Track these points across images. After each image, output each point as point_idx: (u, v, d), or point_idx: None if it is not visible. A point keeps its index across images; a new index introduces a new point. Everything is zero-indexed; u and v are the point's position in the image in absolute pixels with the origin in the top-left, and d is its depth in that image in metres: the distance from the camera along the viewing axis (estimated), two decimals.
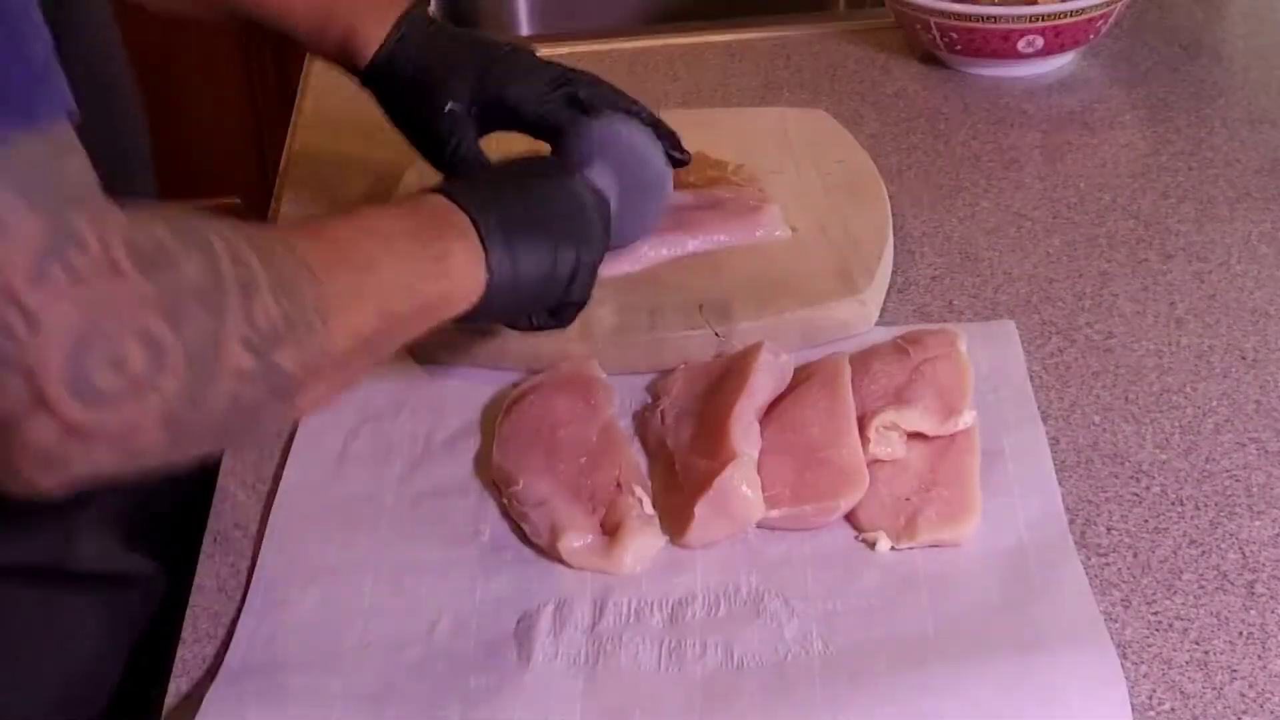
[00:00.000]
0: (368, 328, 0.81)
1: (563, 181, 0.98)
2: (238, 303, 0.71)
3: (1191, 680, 0.82)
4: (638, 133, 1.08)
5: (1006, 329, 1.09)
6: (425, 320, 0.88)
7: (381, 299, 0.83)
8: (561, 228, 0.95)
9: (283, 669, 0.86)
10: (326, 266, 0.80)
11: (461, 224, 0.91)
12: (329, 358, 0.78)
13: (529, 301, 0.96)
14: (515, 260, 0.92)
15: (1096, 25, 1.44)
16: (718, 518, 0.92)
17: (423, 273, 0.87)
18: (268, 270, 0.74)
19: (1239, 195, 1.25)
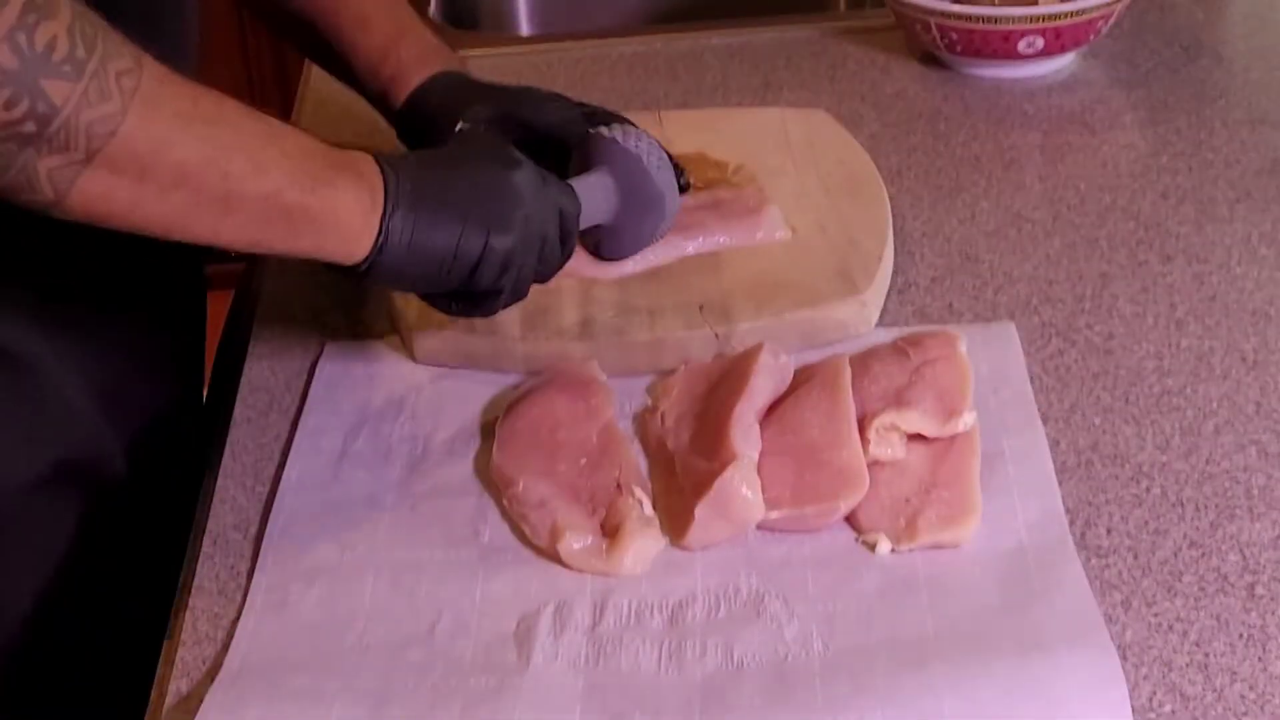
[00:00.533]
0: (180, 156, 0.82)
1: (499, 169, 0.97)
2: (19, 6, 0.74)
3: (1192, 682, 0.82)
4: (646, 147, 1.07)
5: (1006, 331, 1.09)
6: (272, 225, 0.88)
7: (215, 152, 0.84)
8: (477, 211, 0.95)
9: (282, 670, 0.86)
10: (170, 83, 0.82)
11: (371, 177, 0.92)
12: (116, 143, 0.79)
13: (431, 277, 0.96)
14: (415, 228, 0.92)
15: (1097, 26, 1.44)
16: (718, 519, 0.92)
17: (291, 175, 0.87)
18: (82, 21, 0.77)
19: (1239, 196, 1.25)
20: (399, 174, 0.93)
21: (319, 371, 1.11)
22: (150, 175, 0.81)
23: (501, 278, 0.97)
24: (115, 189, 0.81)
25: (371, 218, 0.91)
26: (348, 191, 0.90)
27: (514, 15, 1.90)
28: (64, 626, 1.07)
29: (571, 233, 1.02)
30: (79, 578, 1.07)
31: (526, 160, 0.99)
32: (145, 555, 1.12)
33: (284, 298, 1.21)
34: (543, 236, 0.99)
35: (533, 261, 0.99)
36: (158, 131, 0.81)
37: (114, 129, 0.79)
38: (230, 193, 0.85)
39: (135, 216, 0.83)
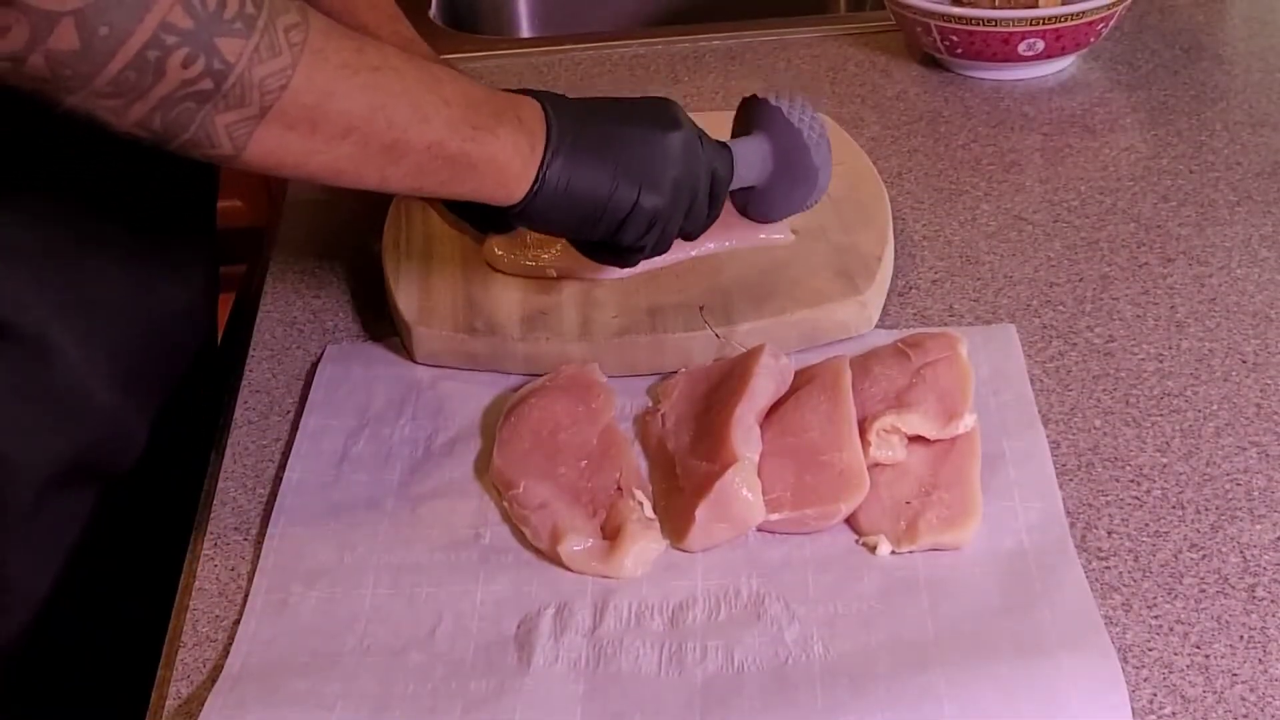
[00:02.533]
0: (348, 107, 0.84)
1: (658, 128, 0.98)
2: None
3: (1192, 684, 0.82)
4: (810, 120, 1.08)
5: (1007, 332, 1.09)
6: (435, 171, 0.90)
7: (380, 100, 0.85)
8: (633, 167, 0.96)
9: (283, 672, 0.86)
10: (335, 34, 0.84)
11: (532, 123, 0.94)
12: (288, 97, 0.81)
13: (580, 225, 0.98)
14: (570, 178, 0.94)
15: (1097, 28, 1.44)
16: (718, 521, 0.92)
17: (453, 122, 0.89)
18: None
19: (1240, 198, 1.25)
20: (561, 121, 0.94)
21: (319, 373, 1.11)
22: (320, 126, 0.83)
23: (646, 234, 0.99)
24: (289, 140, 0.83)
25: (530, 163, 0.93)
26: (508, 138, 0.92)
27: (514, 17, 1.91)
28: (69, 624, 1.07)
29: (721, 194, 1.04)
30: (87, 572, 1.07)
31: (686, 121, 1.00)
32: (150, 550, 1.12)
33: (284, 299, 1.21)
34: (692, 196, 1.01)
35: (679, 219, 1.01)
36: (325, 83, 0.82)
37: (285, 83, 0.81)
38: (396, 141, 0.87)
39: (310, 166, 0.85)
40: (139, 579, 1.10)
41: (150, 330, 1.07)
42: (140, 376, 1.06)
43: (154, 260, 1.06)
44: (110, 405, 1.04)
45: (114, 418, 1.05)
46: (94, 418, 1.03)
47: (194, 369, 1.15)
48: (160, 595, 0.98)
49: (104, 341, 1.03)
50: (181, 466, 1.11)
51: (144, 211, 0.99)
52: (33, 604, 1.04)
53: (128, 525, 1.11)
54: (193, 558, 0.97)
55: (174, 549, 1.01)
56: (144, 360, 1.07)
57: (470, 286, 1.13)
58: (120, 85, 0.76)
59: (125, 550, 1.11)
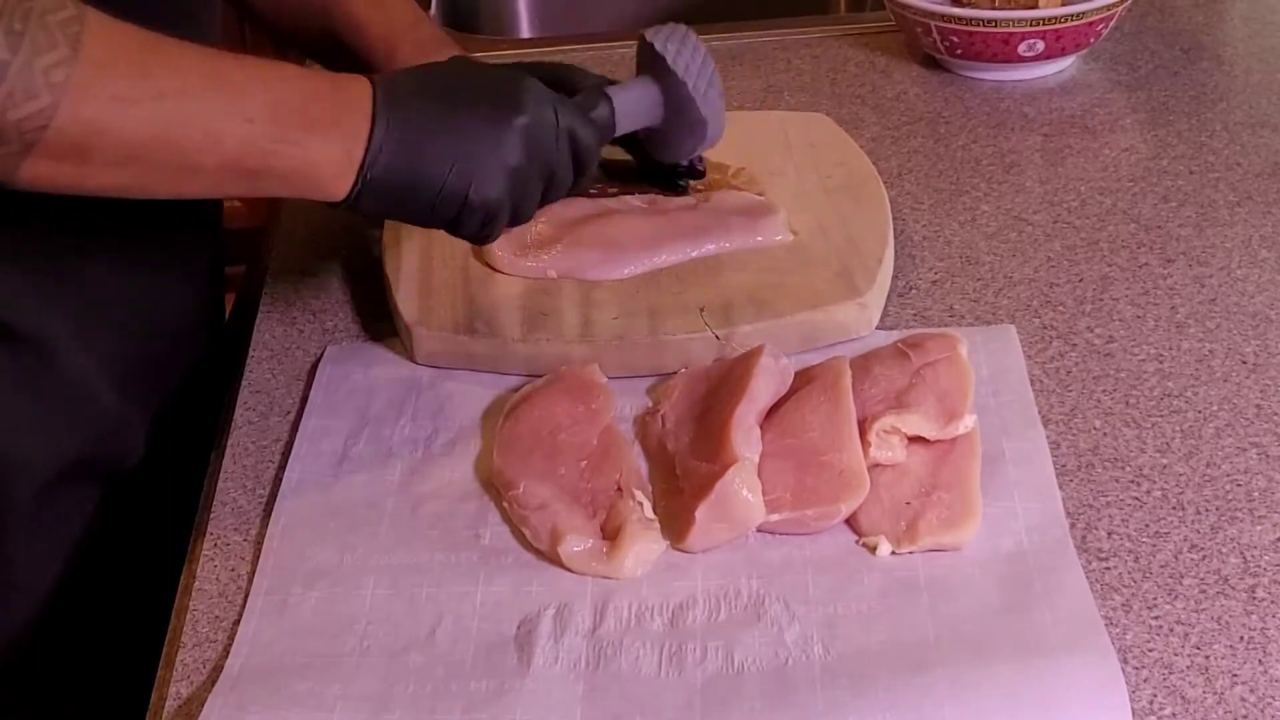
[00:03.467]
0: (123, 139, 0.82)
1: (495, 115, 0.95)
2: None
3: (1192, 685, 0.82)
4: (697, 69, 1.07)
5: (1007, 333, 1.09)
6: (236, 183, 0.88)
7: (164, 129, 0.83)
8: (461, 160, 0.94)
9: (283, 673, 0.86)
10: (113, 64, 0.82)
11: (354, 124, 0.91)
12: (51, 134, 0.79)
13: (410, 216, 0.96)
14: (395, 176, 0.92)
15: (1097, 29, 1.44)
16: (718, 522, 0.92)
17: (251, 140, 0.87)
18: (9, 18, 0.77)
19: (1240, 199, 1.25)
20: (390, 115, 0.92)
21: (319, 374, 1.11)
22: (93, 156, 0.82)
23: (485, 227, 0.97)
24: (60, 170, 0.82)
25: (347, 168, 0.91)
26: (319, 147, 0.90)
27: (514, 17, 1.91)
28: (71, 623, 1.07)
29: (587, 156, 1.01)
30: (89, 570, 1.07)
31: (534, 95, 0.97)
32: (151, 549, 1.12)
33: (284, 300, 1.21)
34: (547, 175, 0.99)
35: (534, 198, 0.99)
36: (94, 118, 0.81)
37: (45, 123, 0.79)
38: (186, 163, 0.85)
39: (89, 187, 0.84)
40: (140, 578, 1.10)
41: (152, 332, 1.07)
42: (142, 377, 1.07)
43: (157, 263, 1.06)
44: (112, 406, 1.04)
45: (115, 418, 1.05)
46: (96, 418, 1.03)
47: (196, 370, 1.15)
48: (160, 595, 0.98)
49: (106, 343, 1.03)
50: (182, 466, 1.11)
51: (146, 213, 0.99)
52: (36, 602, 1.04)
53: (129, 524, 1.11)
54: (192, 558, 0.97)
55: (174, 549, 1.01)
56: (146, 361, 1.07)
57: (470, 287, 1.13)
58: None
59: (126, 549, 1.11)
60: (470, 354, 1.09)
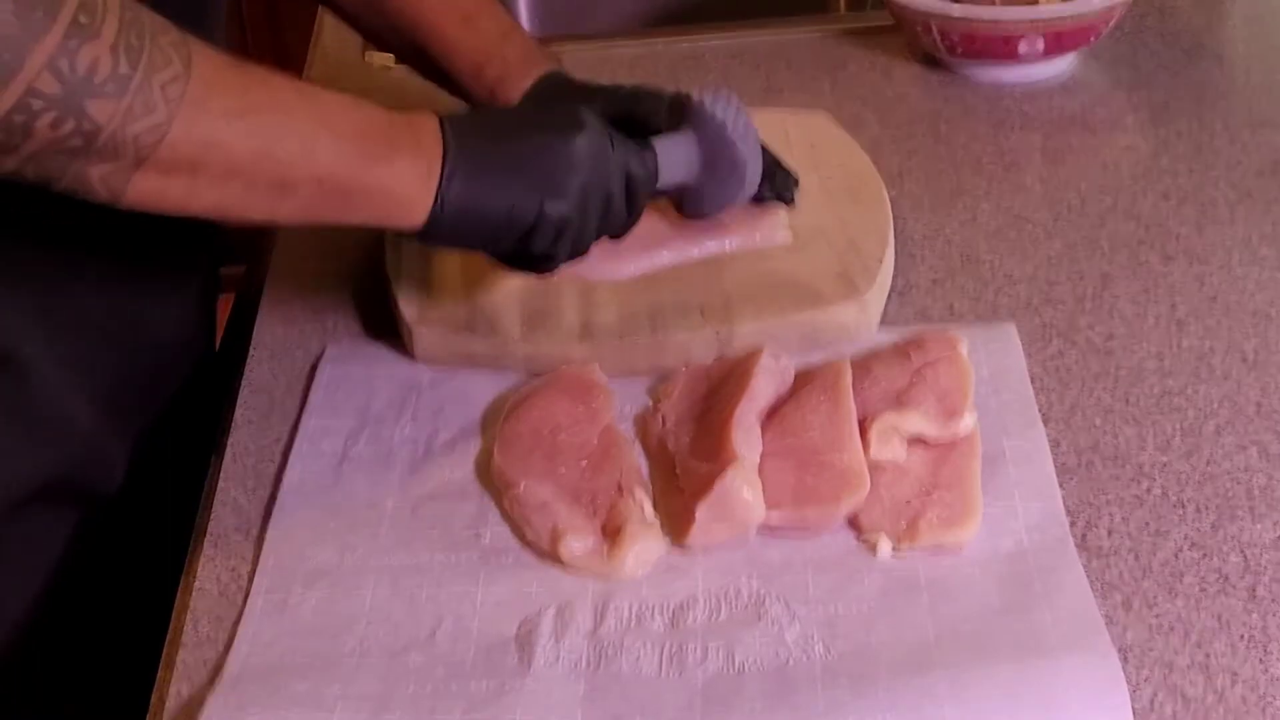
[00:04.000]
0: (229, 153, 0.84)
1: (561, 134, 0.97)
2: (60, 32, 0.75)
3: (1193, 684, 0.82)
4: (733, 115, 1.08)
5: (1007, 332, 1.09)
6: (328, 203, 0.90)
7: (265, 142, 0.85)
8: (533, 178, 0.96)
9: (283, 673, 0.86)
10: (219, 82, 0.84)
11: (429, 146, 0.93)
12: (164, 149, 0.81)
13: (486, 240, 0.97)
14: (470, 196, 0.94)
15: (1097, 28, 1.44)
16: (719, 521, 0.92)
17: (344, 155, 0.89)
18: (127, 34, 0.79)
19: (1240, 197, 1.25)
20: (459, 139, 0.94)
21: (320, 373, 1.11)
22: (202, 171, 0.83)
23: (556, 243, 0.98)
24: (168, 186, 0.83)
25: (427, 188, 0.93)
26: (403, 166, 0.92)
27: (515, 18, 1.90)
28: (56, 641, 1.07)
29: (638, 194, 1.03)
30: (74, 588, 1.07)
31: (593, 122, 0.99)
32: (143, 562, 1.12)
33: (284, 300, 1.21)
34: (605, 200, 1.00)
35: (594, 224, 1.00)
36: (205, 133, 0.82)
37: (160, 137, 0.81)
38: (284, 178, 0.87)
39: (193, 206, 0.85)
40: (134, 589, 1.10)
41: (136, 353, 1.06)
42: (124, 400, 1.06)
43: (140, 285, 1.06)
44: (90, 428, 1.03)
45: (94, 440, 1.04)
46: (72, 439, 1.02)
47: (183, 392, 1.14)
48: (160, 596, 0.98)
49: (85, 362, 1.02)
50: (170, 488, 1.11)
51: (131, 236, 0.99)
52: (16, 618, 1.03)
53: (117, 546, 1.10)
54: (193, 558, 0.97)
55: (164, 570, 1.01)
56: (129, 383, 1.06)
57: (471, 286, 1.13)
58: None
59: (116, 568, 1.11)
60: (471, 353, 1.09)
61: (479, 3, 1.19)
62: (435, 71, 1.19)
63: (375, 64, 1.49)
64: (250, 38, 2.88)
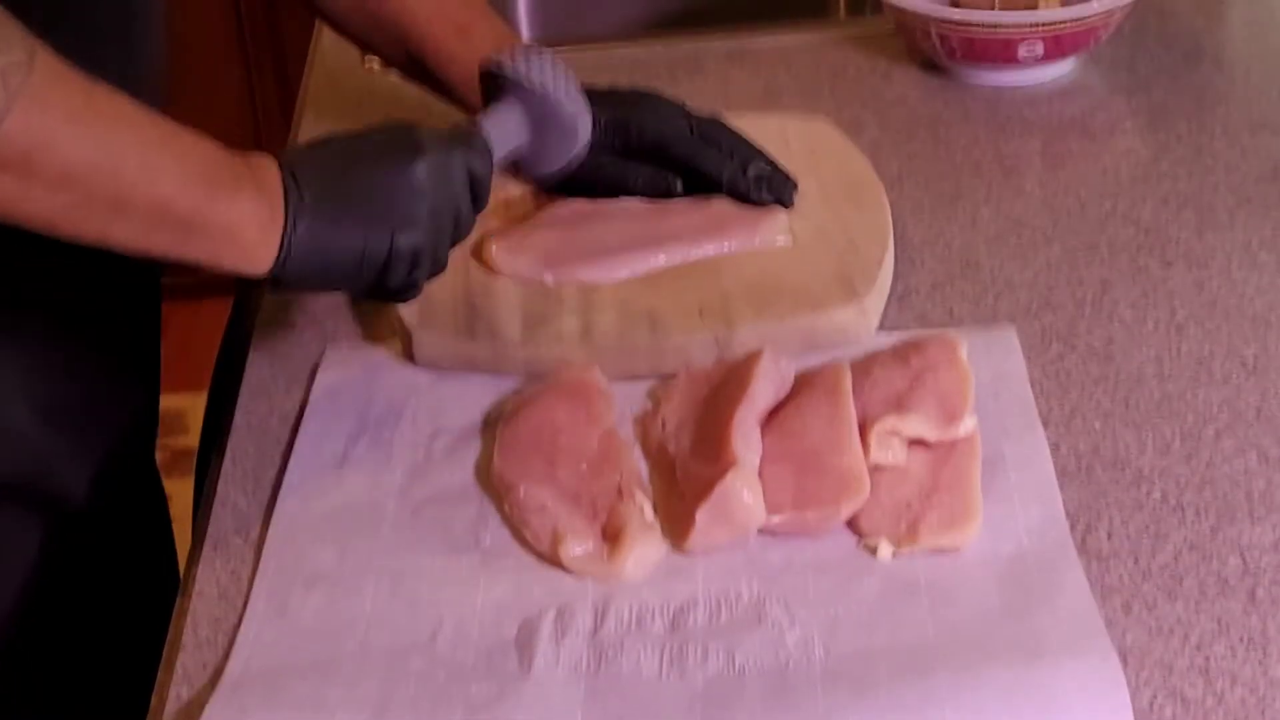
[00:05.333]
0: (67, 156, 0.81)
1: (401, 162, 0.96)
2: None
3: (1192, 686, 0.82)
4: (553, 77, 1.08)
5: (1007, 336, 1.09)
6: (163, 231, 0.87)
7: (106, 153, 0.83)
8: (381, 213, 0.94)
9: (283, 676, 0.86)
10: (63, 82, 0.81)
11: (271, 187, 0.91)
12: (2, 134, 0.78)
13: (340, 281, 0.97)
14: (317, 239, 0.92)
15: (1097, 32, 1.44)
16: (719, 524, 0.92)
17: (186, 182, 0.86)
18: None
19: (1239, 202, 1.25)
20: (299, 181, 0.92)
21: (319, 376, 1.11)
22: (36, 173, 0.81)
23: (414, 271, 0.97)
24: (1, 183, 0.81)
25: (271, 231, 0.91)
26: (246, 203, 0.89)
27: (514, 21, 1.91)
28: (50, 641, 1.07)
29: (483, 189, 1.02)
30: (59, 595, 1.07)
31: (430, 139, 0.98)
32: (137, 569, 1.12)
33: (284, 303, 1.21)
34: (455, 214, 0.99)
35: (447, 241, 0.99)
36: (44, 130, 0.80)
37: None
38: (120, 196, 0.84)
39: (21, 212, 0.83)
40: (125, 604, 1.10)
41: (74, 363, 1.05)
42: (66, 414, 1.04)
43: (77, 293, 1.04)
44: (31, 434, 1.02)
45: (36, 449, 1.03)
46: (10, 443, 1.01)
47: (133, 420, 1.14)
48: (160, 599, 0.98)
49: (19, 366, 1.01)
50: (160, 504, 1.11)
51: (73, 264, 0.98)
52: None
53: (101, 555, 1.10)
54: (193, 561, 0.97)
55: (161, 575, 1.00)
56: (69, 396, 1.05)
57: (470, 290, 1.13)
58: None
59: (104, 578, 1.11)
60: (470, 357, 1.09)
61: (473, 13, 1.19)
62: (433, 81, 1.19)
63: (375, 69, 1.49)
64: (250, 43, 2.89)
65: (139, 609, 1.11)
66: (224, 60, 2.83)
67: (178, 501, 1.21)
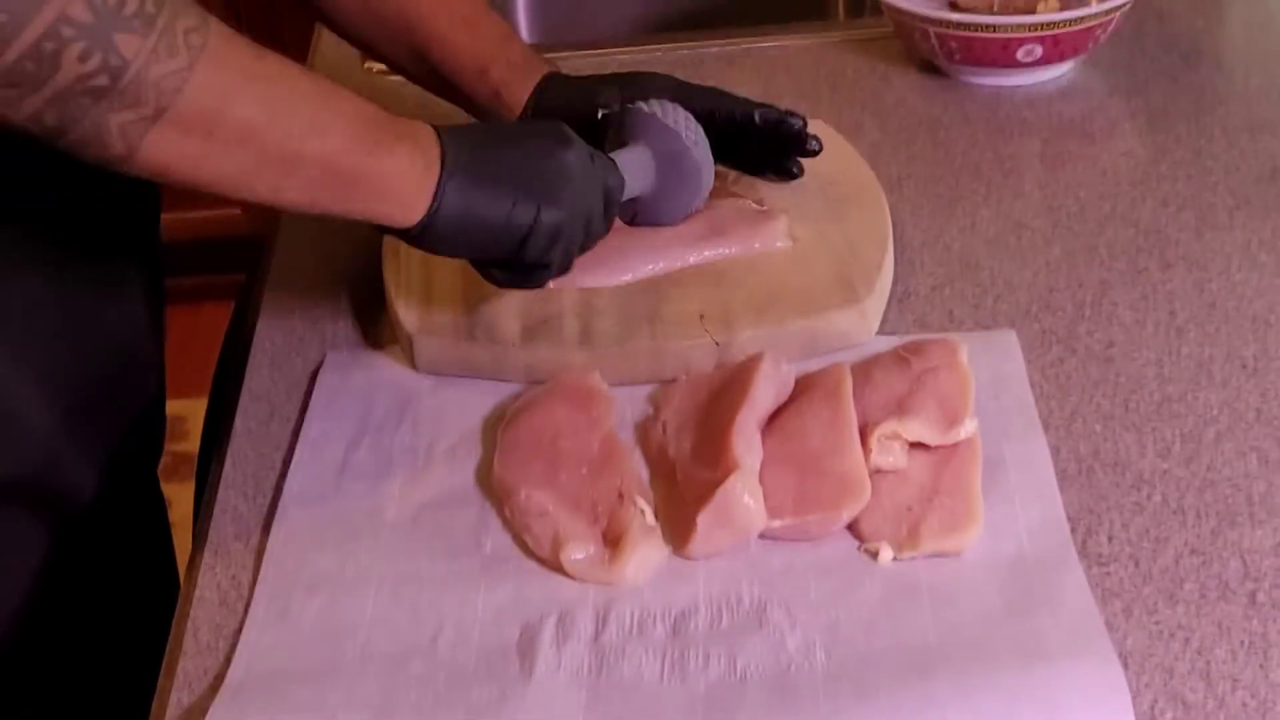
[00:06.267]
0: (245, 114, 0.84)
1: (553, 146, 0.99)
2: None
3: (1193, 690, 0.82)
4: (684, 122, 1.10)
5: (1007, 338, 1.09)
6: (330, 186, 0.90)
7: (278, 109, 0.85)
8: (531, 184, 0.96)
9: (285, 681, 0.86)
10: (236, 41, 0.84)
11: (428, 145, 0.94)
12: (184, 99, 0.80)
13: (482, 245, 0.98)
14: (468, 197, 0.94)
15: (1096, 34, 1.44)
16: (720, 528, 0.92)
17: (350, 137, 0.89)
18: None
19: (1239, 203, 1.25)
20: (456, 144, 0.95)
21: (320, 381, 1.11)
22: (216, 131, 0.83)
23: (550, 250, 0.99)
24: (183, 144, 0.82)
25: (426, 184, 0.93)
26: (404, 157, 0.92)
27: (513, 25, 1.91)
28: (50, 645, 1.07)
29: (614, 206, 1.05)
30: (62, 597, 1.07)
31: (578, 139, 1.01)
32: (138, 573, 1.12)
33: (284, 308, 1.21)
34: (589, 212, 1.01)
35: (580, 236, 1.01)
36: (223, 88, 0.82)
37: (181, 85, 0.80)
38: (292, 151, 0.87)
39: (202, 173, 0.85)
40: (125, 608, 1.10)
41: (85, 354, 1.05)
42: (79, 410, 1.04)
43: (84, 281, 1.04)
44: (44, 431, 1.02)
45: (50, 446, 1.03)
46: (26, 439, 1.01)
47: (141, 423, 1.14)
48: (161, 605, 0.98)
49: (34, 359, 1.01)
50: (161, 506, 1.10)
51: (79, 236, 0.98)
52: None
53: (105, 557, 1.10)
54: (193, 566, 0.97)
55: (162, 580, 1.00)
56: (82, 389, 1.05)
57: (470, 295, 1.13)
58: (15, 76, 0.76)
59: (106, 581, 1.11)
60: (471, 361, 1.09)
61: (476, 7, 1.19)
62: (434, 79, 1.19)
63: (375, 70, 1.49)
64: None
65: (139, 613, 1.11)
66: None
67: (178, 507, 1.21)
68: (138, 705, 0.91)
